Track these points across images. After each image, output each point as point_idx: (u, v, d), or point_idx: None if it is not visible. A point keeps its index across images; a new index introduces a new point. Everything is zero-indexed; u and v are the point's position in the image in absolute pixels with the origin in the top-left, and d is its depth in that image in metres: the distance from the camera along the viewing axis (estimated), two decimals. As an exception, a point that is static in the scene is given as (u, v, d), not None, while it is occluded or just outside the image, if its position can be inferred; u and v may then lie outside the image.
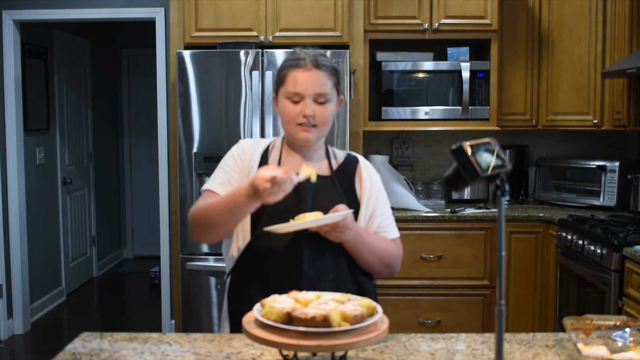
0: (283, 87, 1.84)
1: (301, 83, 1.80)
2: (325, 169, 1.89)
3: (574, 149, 4.47)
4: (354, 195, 1.87)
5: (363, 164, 1.95)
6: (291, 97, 1.81)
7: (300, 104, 1.81)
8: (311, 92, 1.80)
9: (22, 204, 4.67)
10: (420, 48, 4.18)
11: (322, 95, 1.81)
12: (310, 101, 1.80)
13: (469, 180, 1.21)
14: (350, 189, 1.88)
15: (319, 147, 1.92)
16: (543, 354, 1.57)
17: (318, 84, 1.81)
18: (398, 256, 1.93)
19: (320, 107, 1.82)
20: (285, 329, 1.33)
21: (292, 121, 1.82)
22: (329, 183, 1.85)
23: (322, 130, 1.84)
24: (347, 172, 1.91)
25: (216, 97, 3.65)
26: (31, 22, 4.67)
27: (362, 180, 1.90)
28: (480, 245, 3.85)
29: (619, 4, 3.76)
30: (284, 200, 1.73)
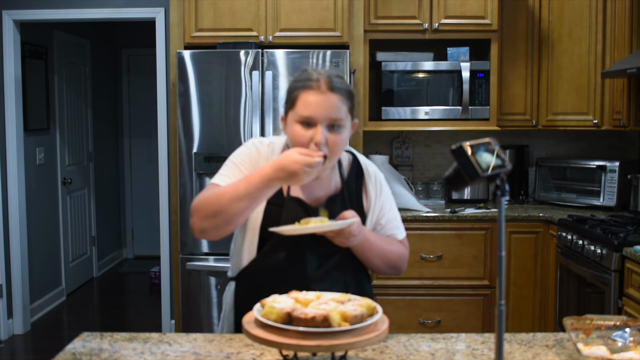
0: (293, 111, 1.71)
1: (314, 107, 1.67)
2: (336, 181, 1.84)
3: (574, 149, 4.47)
4: (361, 209, 1.84)
5: (367, 174, 1.88)
6: (302, 122, 1.68)
7: (311, 130, 1.68)
8: (325, 117, 1.67)
9: (22, 204, 4.67)
10: (420, 48, 4.18)
11: (337, 120, 1.68)
12: (323, 128, 1.67)
13: (469, 180, 1.21)
14: (358, 204, 1.84)
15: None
16: (543, 354, 1.57)
17: (333, 108, 1.68)
18: (404, 257, 1.92)
19: (334, 134, 1.68)
20: (285, 329, 1.33)
21: (302, 145, 1.68)
22: (339, 199, 1.81)
23: (333, 160, 1.72)
24: (355, 184, 1.86)
25: (216, 97, 3.65)
26: (31, 22, 4.67)
27: (367, 193, 1.86)
28: (480, 245, 3.85)
29: (619, 4, 3.76)
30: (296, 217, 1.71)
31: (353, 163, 1.90)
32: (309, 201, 1.79)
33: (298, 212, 1.76)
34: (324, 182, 1.83)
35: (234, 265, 1.87)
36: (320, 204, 1.79)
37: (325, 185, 1.83)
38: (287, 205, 1.77)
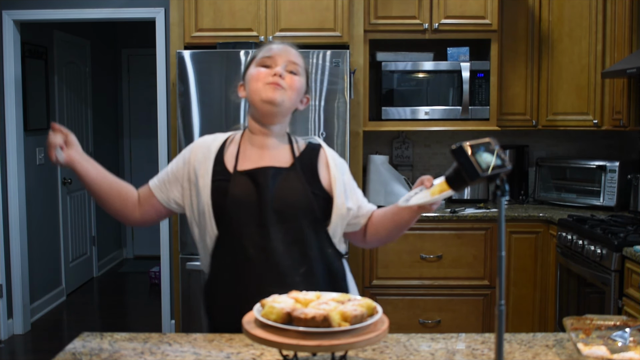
0: (254, 60, 1.83)
1: (274, 50, 1.80)
2: (287, 157, 1.83)
3: (574, 149, 4.47)
4: (317, 183, 1.80)
5: (327, 151, 1.88)
6: (263, 63, 1.79)
7: (271, 69, 1.78)
8: (284, 59, 1.79)
9: (22, 204, 4.67)
10: (420, 48, 4.18)
11: (295, 64, 1.80)
12: (282, 65, 1.78)
13: (469, 180, 1.21)
14: (313, 177, 1.81)
15: (283, 133, 1.85)
16: (543, 354, 1.57)
17: (291, 54, 1.81)
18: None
19: (291, 76, 1.79)
20: (285, 329, 1.32)
21: (260, 80, 1.77)
22: (292, 174, 1.79)
23: (291, 98, 1.78)
24: (309, 160, 1.84)
25: (216, 97, 3.65)
26: (31, 22, 4.67)
27: (328, 166, 1.84)
28: (480, 245, 3.85)
29: (619, 4, 3.76)
30: (245, 190, 1.74)
31: (310, 145, 1.89)
32: (256, 172, 1.77)
33: (246, 183, 1.75)
34: (274, 155, 1.82)
35: (203, 256, 1.86)
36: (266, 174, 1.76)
37: (275, 157, 1.81)
38: (234, 178, 1.76)
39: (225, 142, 1.85)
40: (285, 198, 1.75)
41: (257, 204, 1.73)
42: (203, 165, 1.80)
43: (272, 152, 1.82)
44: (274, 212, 1.73)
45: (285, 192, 1.75)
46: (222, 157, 1.81)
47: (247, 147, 1.84)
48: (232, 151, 1.83)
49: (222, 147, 1.84)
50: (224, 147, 1.84)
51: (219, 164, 1.80)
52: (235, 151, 1.83)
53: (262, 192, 1.74)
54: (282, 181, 1.77)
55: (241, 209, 1.73)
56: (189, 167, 1.83)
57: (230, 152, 1.83)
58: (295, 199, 1.75)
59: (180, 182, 1.84)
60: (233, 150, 1.83)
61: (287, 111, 1.81)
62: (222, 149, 1.83)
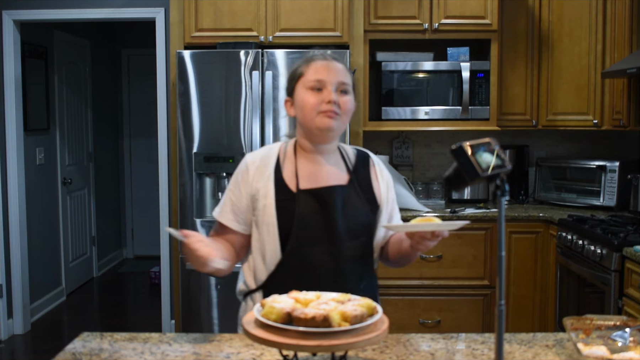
0: (302, 79, 1.76)
1: (323, 71, 1.74)
2: (343, 172, 1.82)
3: (574, 149, 4.47)
4: (373, 199, 1.83)
5: (375, 165, 1.89)
6: (313, 86, 1.74)
7: (322, 92, 1.73)
8: (334, 79, 1.74)
9: (22, 204, 4.67)
10: (420, 48, 4.17)
11: (345, 84, 1.75)
12: (333, 89, 1.73)
13: (469, 180, 1.21)
14: (369, 193, 1.83)
15: (335, 149, 1.84)
16: (543, 354, 1.57)
17: (340, 72, 1.76)
18: None
19: (343, 97, 1.75)
20: (285, 329, 1.33)
21: (314, 109, 1.73)
22: (352, 192, 1.79)
23: (344, 122, 1.77)
24: (363, 174, 1.85)
25: (216, 97, 3.65)
26: (31, 22, 4.67)
27: (379, 181, 1.86)
28: (480, 245, 3.85)
29: (619, 4, 3.76)
30: (311, 210, 1.73)
31: (359, 154, 1.90)
32: (321, 192, 1.77)
33: (311, 203, 1.75)
34: (332, 171, 1.81)
35: (252, 276, 1.82)
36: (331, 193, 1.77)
37: (333, 174, 1.81)
38: (299, 198, 1.75)
39: (279, 158, 1.82)
40: (349, 216, 1.76)
41: (324, 224, 1.73)
42: (262, 183, 1.77)
43: (329, 168, 1.81)
44: (340, 231, 1.74)
45: (349, 210, 1.77)
46: (280, 175, 1.78)
47: (304, 163, 1.81)
48: (290, 169, 1.80)
49: (277, 164, 1.80)
50: (279, 164, 1.80)
51: (280, 184, 1.77)
52: (293, 169, 1.80)
53: (329, 212, 1.74)
54: (347, 200, 1.78)
55: (308, 227, 1.73)
56: (246, 188, 1.79)
57: (288, 170, 1.80)
58: (358, 217, 1.77)
59: (248, 208, 1.80)
60: (290, 168, 1.80)
61: (341, 132, 1.82)
62: (279, 167, 1.80)
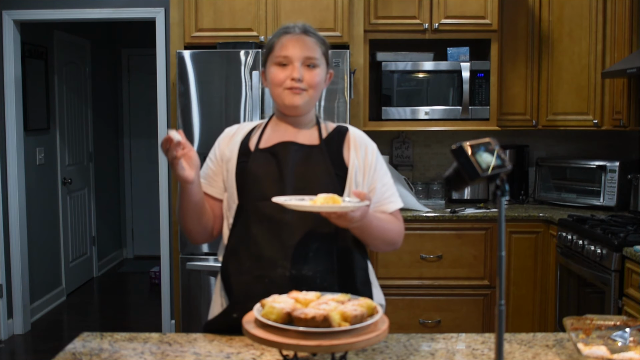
0: (271, 55, 1.81)
1: (290, 47, 1.78)
2: (314, 137, 1.84)
3: (574, 149, 4.47)
4: (342, 163, 1.80)
5: (353, 133, 1.88)
6: (280, 62, 1.78)
7: (288, 68, 1.77)
8: (299, 55, 1.77)
9: (22, 204, 4.67)
10: (420, 48, 4.17)
11: (311, 59, 1.78)
12: (298, 64, 1.77)
13: (469, 180, 1.21)
14: (338, 157, 1.81)
15: (310, 119, 1.86)
16: (543, 354, 1.57)
17: (306, 47, 1.78)
18: (402, 232, 1.88)
19: (310, 71, 1.78)
20: (285, 329, 1.33)
21: (279, 85, 1.78)
22: (316, 151, 1.79)
23: (312, 96, 1.80)
24: (336, 140, 1.84)
25: (216, 97, 3.65)
26: (31, 22, 4.67)
27: (350, 148, 1.84)
28: (480, 245, 3.85)
29: (619, 4, 3.76)
30: (266, 166, 1.75)
31: (338, 128, 1.89)
32: (276, 148, 1.78)
33: (266, 159, 1.77)
34: (298, 134, 1.83)
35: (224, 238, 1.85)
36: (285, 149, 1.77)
37: (300, 137, 1.82)
38: (254, 155, 1.79)
39: (254, 129, 1.89)
40: (306, 175, 1.75)
41: (277, 179, 1.74)
42: (230, 152, 1.84)
43: (298, 131, 1.84)
44: (293, 187, 1.73)
45: (306, 168, 1.76)
46: (247, 141, 1.85)
47: (273, 129, 1.86)
48: (257, 134, 1.87)
49: (250, 132, 1.88)
50: (251, 133, 1.88)
51: (243, 147, 1.83)
52: (259, 133, 1.86)
53: (282, 167, 1.75)
54: (304, 158, 1.78)
55: (261, 183, 1.74)
56: (220, 157, 1.87)
57: (256, 135, 1.87)
58: (316, 177, 1.75)
59: (219, 172, 1.86)
60: (258, 133, 1.87)
61: (311, 106, 1.84)
62: (249, 135, 1.87)
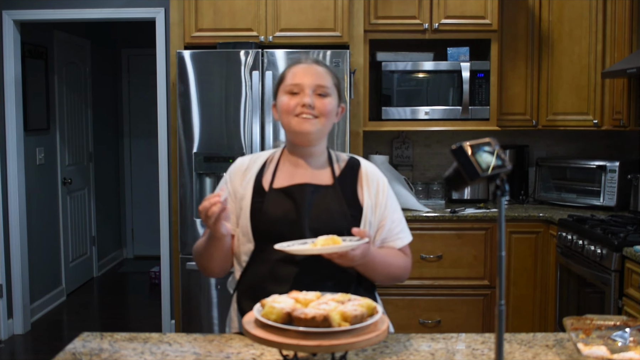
0: (283, 84, 1.80)
1: (301, 75, 1.77)
2: (327, 176, 1.81)
3: (574, 149, 4.47)
4: (356, 203, 1.78)
5: (365, 168, 1.85)
6: (291, 90, 1.76)
7: (299, 96, 1.75)
8: (311, 83, 1.75)
9: (22, 204, 4.67)
10: (420, 48, 4.18)
11: (322, 87, 1.76)
12: (309, 92, 1.75)
13: (469, 180, 1.21)
14: (352, 196, 1.79)
15: (321, 153, 1.83)
16: (543, 354, 1.57)
17: (318, 76, 1.77)
18: (408, 268, 1.87)
19: (321, 99, 1.76)
20: (285, 329, 1.33)
21: (290, 112, 1.75)
22: (330, 192, 1.77)
23: (323, 124, 1.76)
24: (349, 178, 1.82)
25: (216, 97, 3.65)
26: (31, 22, 4.67)
27: (363, 186, 1.81)
28: (480, 245, 3.85)
29: (619, 4, 3.76)
30: (282, 208, 1.72)
31: (350, 162, 1.87)
32: (292, 189, 1.76)
33: (282, 201, 1.75)
34: (313, 173, 1.81)
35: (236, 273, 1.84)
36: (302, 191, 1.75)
37: (314, 175, 1.80)
38: (269, 196, 1.76)
39: (265, 163, 1.84)
40: (322, 216, 1.73)
41: (293, 221, 1.72)
42: (244, 189, 1.80)
43: (311, 170, 1.81)
44: (310, 230, 1.71)
45: (322, 210, 1.74)
46: (261, 178, 1.81)
47: (286, 165, 1.83)
48: (271, 171, 1.82)
49: (263, 167, 1.83)
50: (264, 168, 1.83)
51: (258, 185, 1.79)
52: (273, 169, 1.82)
53: (299, 209, 1.73)
54: (320, 199, 1.75)
55: (277, 226, 1.72)
56: (234, 193, 1.82)
57: (269, 172, 1.82)
58: (332, 219, 1.73)
59: (233, 209, 1.81)
60: (271, 170, 1.82)
61: (323, 135, 1.80)
62: (262, 170, 1.83)
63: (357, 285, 1.79)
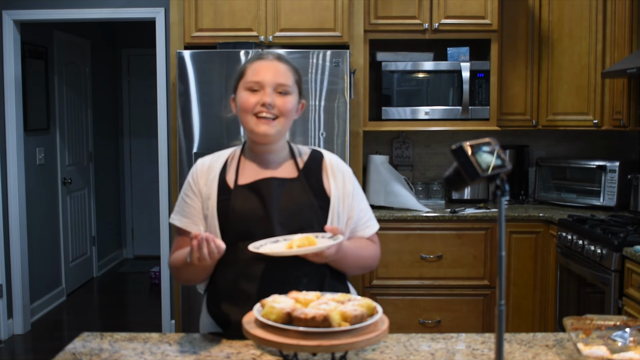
0: (242, 80, 1.77)
1: (262, 71, 1.74)
2: (291, 169, 1.80)
3: (574, 149, 4.47)
4: (323, 194, 1.78)
5: (329, 160, 1.84)
6: (251, 87, 1.74)
7: (259, 93, 1.73)
8: (271, 81, 1.73)
9: (22, 204, 4.67)
10: (420, 48, 4.18)
11: (283, 85, 1.74)
12: (270, 90, 1.72)
13: (469, 180, 1.21)
14: (319, 187, 1.78)
15: (282, 148, 1.82)
16: (543, 354, 1.57)
17: (279, 73, 1.74)
18: (377, 256, 1.87)
19: (281, 97, 1.74)
20: (285, 329, 1.33)
21: (249, 111, 1.73)
22: (296, 184, 1.76)
23: (283, 124, 1.75)
24: (313, 170, 1.81)
25: (216, 97, 3.65)
26: (31, 22, 4.67)
27: (329, 176, 1.80)
28: (480, 245, 3.85)
29: (619, 4, 3.76)
30: (249, 204, 1.71)
31: (313, 154, 1.86)
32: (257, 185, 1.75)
33: (248, 197, 1.74)
34: (276, 167, 1.80)
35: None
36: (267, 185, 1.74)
37: (277, 170, 1.79)
38: (235, 193, 1.75)
39: (227, 161, 1.83)
40: (290, 210, 1.72)
41: (262, 217, 1.71)
42: (209, 189, 1.78)
43: (273, 164, 1.80)
44: (280, 225, 1.70)
45: (290, 204, 1.73)
46: (224, 176, 1.79)
47: (248, 161, 1.82)
48: (233, 168, 1.81)
49: (225, 165, 1.82)
50: (226, 166, 1.82)
51: (222, 183, 1.78)
52: (235, 167, 1.81)
53: (266, 204, 1.72)
54: (287, 192, 1.74)
55: (245, 222, 1.71)
56: (199, 193, 1.80)
57: (232, 170, 1.81)
58: (300, 212, 1.72)
59: (201, 209, 1.80)
60: (234, 168, 1.81)
61: (282, 135, 1.79)
62: (225, 168, 1.81)
63: (331, 278, 1.77)
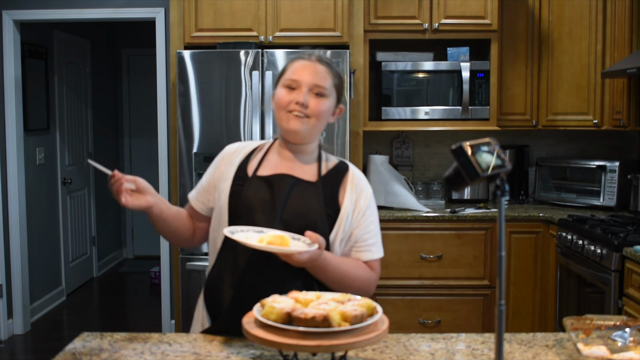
0: (282, 77, 1.79)
1: (300, 71, 1.75)
2: (312, 173, 1.79)
3: (574, 149, 4.47)
4: (335, 204, 1.76)
5: (353, 173, 1.82)
6: (288, 85, 1.75)
7: (295, 92, 1.74)
8: (309, 81, 1.74)
9: (22, 204, 4.67)
10: (420, 48, 4.18)
11: (320, 87, 1.74)
12: (306, 90, 1.73)
13: (469, 180, 1.21)
14: (332, 197, 1.76)
15: (312, 150, 1.82)
16: (543, 354, 1.57)
17: (317, 74, 1.75)
18: (371, 282, 1.78)
19: (317, 99, 1.74)
20: (285, 329, 1.33)
21: (283, 107, 1.74)
22: (311, 188, 1.75)
23: (314, 125, 1.75)
24: (334, 179, 1.79)
25: (216, 97, 3.65)
26: (31, 22, 4.67)
27: (347, 189, 1.78)
28: (480, 245, 3.85)
29: (619, 4, 3.76)
30: (259, 195, 1.73)
31: (339, 165, 1.84)
32: (273, 178, 1.76)
33: (261, 189, 1.74)
34: (298, 167, 1.79)
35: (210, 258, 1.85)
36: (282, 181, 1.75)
37: (298, 169, 1.79)
38: (250, 182, 1.76)
39: (254, 151, 1.85)
40: (297, 210, 1.72)
41: (267, 210, 1.71)
42: (228, 172, 1.81)
43: (298, 164, 1.80)
44: (281, 221, 1.70)
45: (299, 204, 1.72)
46: (246, 164, 1.81)
47: (274, 155, 1.83)
48: (257, 159, 1.83)
49: (250, 154, 1.84)
50: (251, 155, 1.84)
51: (241, 170, 1.80)
52: (260, 158, 1.82)
53: (275, 198, 1.72)
54: (299, 193, 1.74)
55: (253, 212, 1.72)
56: (219, 173, 1.84)
57: (255, 160, 1.83)
58: (307, 214, 1.72)
59: (213, 188, 1.85)
60: (258, 158, 1.83)
61: (312, 135, 1.79)
62: (249, 156, 1.83)
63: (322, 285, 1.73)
